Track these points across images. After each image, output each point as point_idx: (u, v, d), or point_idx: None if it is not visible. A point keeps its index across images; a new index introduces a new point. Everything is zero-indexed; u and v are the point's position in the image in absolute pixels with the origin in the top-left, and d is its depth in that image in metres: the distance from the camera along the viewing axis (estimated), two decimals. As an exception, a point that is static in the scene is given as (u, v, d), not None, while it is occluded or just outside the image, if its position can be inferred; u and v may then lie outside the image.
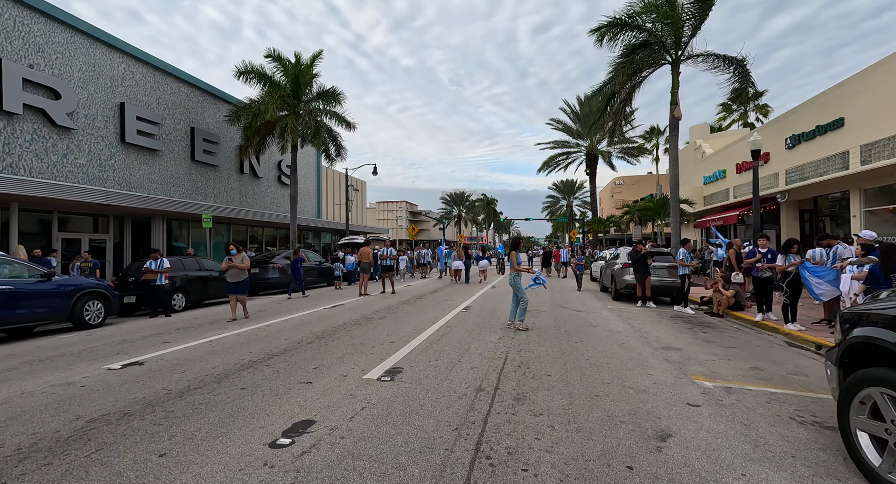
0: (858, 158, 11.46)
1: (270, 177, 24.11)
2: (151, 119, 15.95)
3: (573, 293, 13.58)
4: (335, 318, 8.83)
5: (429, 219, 67.49)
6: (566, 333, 7.13)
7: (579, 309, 10.09)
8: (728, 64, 15.24)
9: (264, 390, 4.24)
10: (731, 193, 18.84)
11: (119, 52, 14.87)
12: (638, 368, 5.10)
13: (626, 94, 17.03)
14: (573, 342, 6.48)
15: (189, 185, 18.09)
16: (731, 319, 9.26)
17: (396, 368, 5.02)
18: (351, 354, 5.70)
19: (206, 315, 9.86)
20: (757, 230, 10.64)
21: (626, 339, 6.78)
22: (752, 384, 4.57)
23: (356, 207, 37.10)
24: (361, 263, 13.08)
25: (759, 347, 6.51)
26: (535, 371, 4.92)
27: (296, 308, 10.54)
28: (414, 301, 11.46)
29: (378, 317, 8.83)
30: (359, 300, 11.90)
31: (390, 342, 6.39)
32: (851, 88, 11.86)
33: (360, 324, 8.01)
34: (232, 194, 21.06)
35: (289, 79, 18.77)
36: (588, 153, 30.97)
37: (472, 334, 7.00)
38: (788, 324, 7.43)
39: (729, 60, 15.18)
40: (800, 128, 14.17)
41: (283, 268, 14.65)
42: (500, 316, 8.89)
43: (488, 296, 12.76)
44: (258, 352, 5.85)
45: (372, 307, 10.34)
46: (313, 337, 6.82)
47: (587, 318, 8.80)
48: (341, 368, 4.98)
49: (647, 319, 8.67)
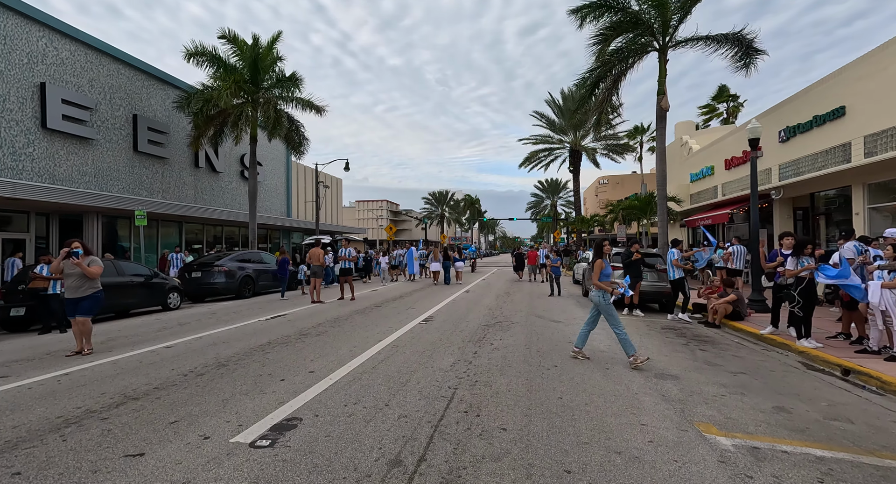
0: (862, 150, 10.43)
1: (232, 171, 22.30)
2: (81, 103, 14.10)
3: (552, 299, 12.30)
4: (262, 334, 7.31)
5: (411, 219, 65.85)
6: (538, 355, 5.77)
7: (557, 319, 8.77)
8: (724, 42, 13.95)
9: (50, 478, 2.74)
10: (719, 191, 17.86)
11: (38, 25, 12.99)
12: (626, 412, 3.76)
13: (611, 82, 15.85)
14: (545, 369, 5.12)
15: (130, 178, 16.25)
16: (729, 330, 8.07)
17: (291, 419, 3.56)
18: (243, 393, 4.22)
19: (114, 330, 8.22)
20: (756, 228, 9.51)
21: (611, 362, 5.46)
22: (786, 440, 3.26)
23: (330, 206, 35.37)
24: (311, 266, 11.55)
25: (773, 371, 5.25)
26: (485, 422, 3.53)
27: (227, 320, 8.97)
28: (370, 310, 9.99)
29: (316, 332, 7.34)
30: (308, 309, 10.38)
31: (308, 372, 4.93)
32: (854, 74, 10.84)
33: (288, 343, 6.52)
34: (185, 190, 19.23)
35: (246, 63, 17.09)
36: (572, 149, 29.90)
37: (420, 358, 5.59)
38: (802, 340, 6.22)
39: (725, 38, 13.88)
40: (795, 119, 13.16)
41: (231, 271, 13.00)
42: (463, 329, 7.51)
43: (458, 302, 11.37)
44: (112, 393, 4.29)
45: (316, 319, 8.84)
46: (211, 366, 5.30)
47: (565, 331, 7.48)
48: (210, 423, 3.50)
49: (634, 333, 7.40)
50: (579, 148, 29.66)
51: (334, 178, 36.30)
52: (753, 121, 9.32)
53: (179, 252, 13.65)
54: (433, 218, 63.83)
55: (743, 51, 13.38)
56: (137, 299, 10.21)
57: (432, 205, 65.53)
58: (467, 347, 6.19)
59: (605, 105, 16.71)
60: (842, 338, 6.49)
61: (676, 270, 8.97)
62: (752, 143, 9.29)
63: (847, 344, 6.23)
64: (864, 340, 5.99)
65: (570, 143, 29.95)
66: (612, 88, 16.12)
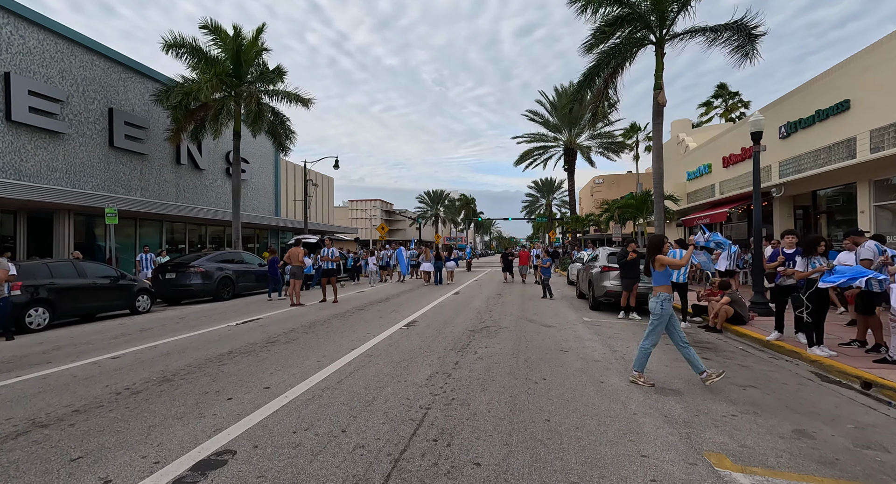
0: (868, 145, 9.97)
1: (217, 169, 21.60)
2: (51, 95, 13.40)
3: (545, 302, 11.76)
4: (226, 341, 6.70)
5: (405, 219, 65.22)
6: (525, 366, 5.21)
7: (549, 323, 8.22)
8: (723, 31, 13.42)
9: None
10: (717, 189, 17.41)
11: (2, 11, 12.28)
12: (624, 439, 3.20)
13: (608, 75, 15.34)
14: (532, 382, 4.56)
15: (106, 175, 15.54)
16: (732, 335, 7.55)
17: (223, 452, 2.97)
18: (177, 417, 3.61)
19: (66, 337, 7.56)
20: (758, 226, 9.01)
21: (606, 373, 4.91)
22: (815, 478, 2.71)
23: (321, 205, 34.70)
24: (290, 267, 10.93)
25: (786, 384, 4.72)
26: (456, 455, 2.95)
27: (194, 325, 8.34)
28: (351, 314, 9.39)
29: (285, 340, 6.74)
30: (285, 313, 9.76)
31: (263, 389, 4.33)
32: (860, 65, 10.38)
33: (251, 352, 5.91)
34: (166, 187, 18.54)
35: (228, 55, 16.43)
36: (566, 148, 29.42)
37: (394, 370, 5.01)
38: (814, 348, 5.70)
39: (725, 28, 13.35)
40: (796, 114, 12.71)
41: (208, 272, 12.34)
42: (446, 335, 6.93)
43: (445, 305, 10.80)
44: (20, 419, 3.59)
45: (290, 323, 8.22)
46: (154, 381, 4.68)
47: (557, 337, 6.93)
48: (121, 459, 2.88)
49: (632, 339, 6.86)
50: (574, 146, 29.19)
51: (325, 177, 35.62)
52: (756, 113, 8.82)
53: (149, 252, 12.94)
54: (427, 218, 63.19)
55: (744, 37, 12.68)
56: (102, 303, 9.54)
57: (427, 204, 64.91)
58: (448, 357, 5.61)
59: (602, 99, 16.18)
60: (856, 345, 5.97)
61: (682, 274, 8.45)
62: (755, 136, 8.79)
63: (863, 352, 5.70)
64: (883, 349, 5.47)
65: (565, 142, 29.48)
66: (608, 81, 15.62)
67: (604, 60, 15.01)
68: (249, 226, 24.75)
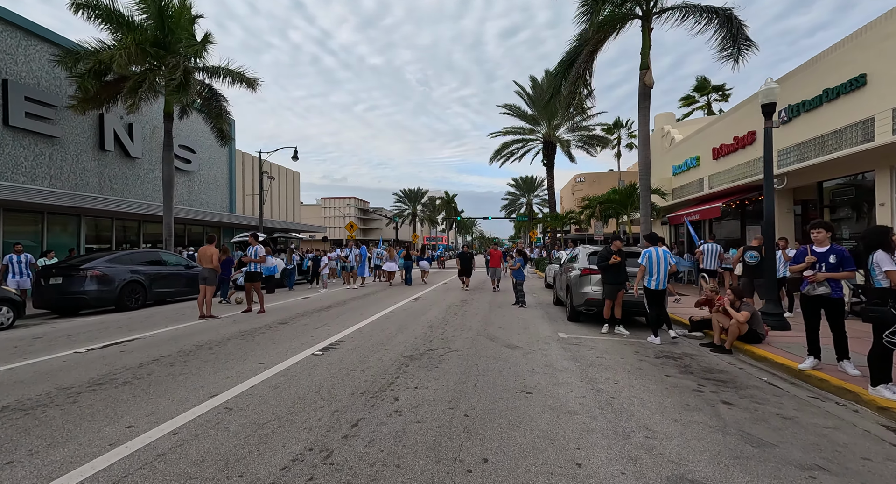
0: (890, 126, 8.48)
1: (154, 158, 19.07)
2: (-87, 58, 10.87)
3: (516, 310, 9.95)
4: (46, 379, 4.58)
5: (381, 217, 62.81)
6: (462, 428, 3.29)
7: (514, 343, 6.36)
8: (711, 15, 12.22)
9: None
10: (705, 183, 15.95)
11: None
12: None
13: (585, 58, 13.66)
14: (462, 472, 2.64)
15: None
16: (746, 357, 5.86)
17: None
18: None
19: None
20: (770, 219, 7.39)
21: (587, 439, 3.05)
22: None
23: (285, 201, 32.26)
24: (201, 271, 8.78)
25: (869, 460, 2.94)
26: None
27: (36, 350, 6.14)
28: (262, 331, 7.33)
29: (135, 376, 4.65)
30: (182, 329, 7.62)
31: None
32: (879, 33, 8.90)
33: (32, 410, 3.81)
34: (86, 177, 16.01)
35: (153, 19, 14.05)
36: (545, 141, 27.84)
37: (248, 437, 3.02)
38: (880, 387, 3.98)
39: (714, 13, 12.15)
40: (799, 95, 11.24)
41: (106, 276, 10.05)
42: (370, 366, 4.98)
43: (392, 317, 8.84)
44: None
45: (165, 348, 6.11)
46: None
47: (521, 367, 5.06)
48: None
49: (620, 369, 5.05)
50: (553, 139, 27.63)
51: (290, 171, 33.19)
52: (769, 80, 7.16)
53: (23, 252, 10.56)
54: (405, 216, 61.02)
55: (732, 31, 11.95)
56: None
57: (404, 203, 62.75)
58: (351, 409, 3.67)
59: (580, 86, 14.49)
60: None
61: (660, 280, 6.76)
62: (767, 109, 7.14)
63: (947, 393, 4.01)
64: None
65: (544, 135, 27.89)
66: (586, 64, 13.97)
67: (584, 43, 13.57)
68: (199, 222, 22.28)
